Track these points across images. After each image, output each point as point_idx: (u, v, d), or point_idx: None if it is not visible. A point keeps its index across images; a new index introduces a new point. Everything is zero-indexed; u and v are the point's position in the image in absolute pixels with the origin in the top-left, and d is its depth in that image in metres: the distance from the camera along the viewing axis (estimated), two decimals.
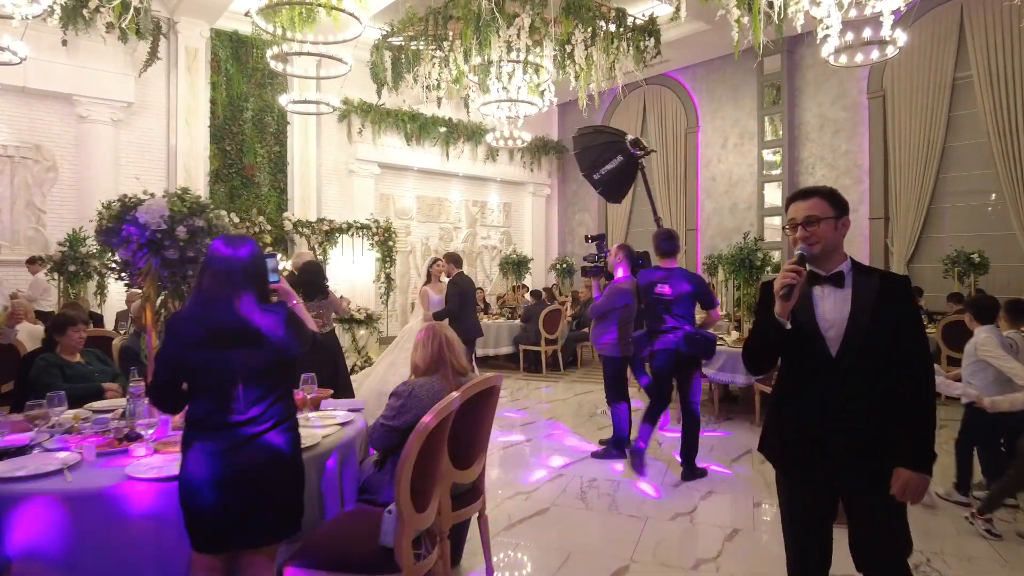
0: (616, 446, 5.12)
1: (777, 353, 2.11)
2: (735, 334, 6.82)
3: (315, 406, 3.35)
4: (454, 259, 6.59)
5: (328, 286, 5.42)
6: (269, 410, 2.11)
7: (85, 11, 8.21)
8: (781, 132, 11.54)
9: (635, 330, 5.07)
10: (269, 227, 10.54)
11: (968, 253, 8.41)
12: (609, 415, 5.27)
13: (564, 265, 14.08)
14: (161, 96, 10.17)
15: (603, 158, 6.23)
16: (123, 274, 2.98)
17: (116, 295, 8.35)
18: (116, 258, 2.94)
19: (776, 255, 11.06)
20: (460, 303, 6.30)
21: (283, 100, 8.70)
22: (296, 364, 2.30)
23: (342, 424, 2.97)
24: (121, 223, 2.86)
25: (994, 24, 8.87)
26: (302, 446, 2.32)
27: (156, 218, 2.82)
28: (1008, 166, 8.78)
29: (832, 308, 2.00)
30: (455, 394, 2.49)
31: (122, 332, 6.21)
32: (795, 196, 2.10)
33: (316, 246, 11.03)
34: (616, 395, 5.13)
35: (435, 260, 7.09)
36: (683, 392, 4.72)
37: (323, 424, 2.96)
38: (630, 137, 6.11)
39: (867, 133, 10.43)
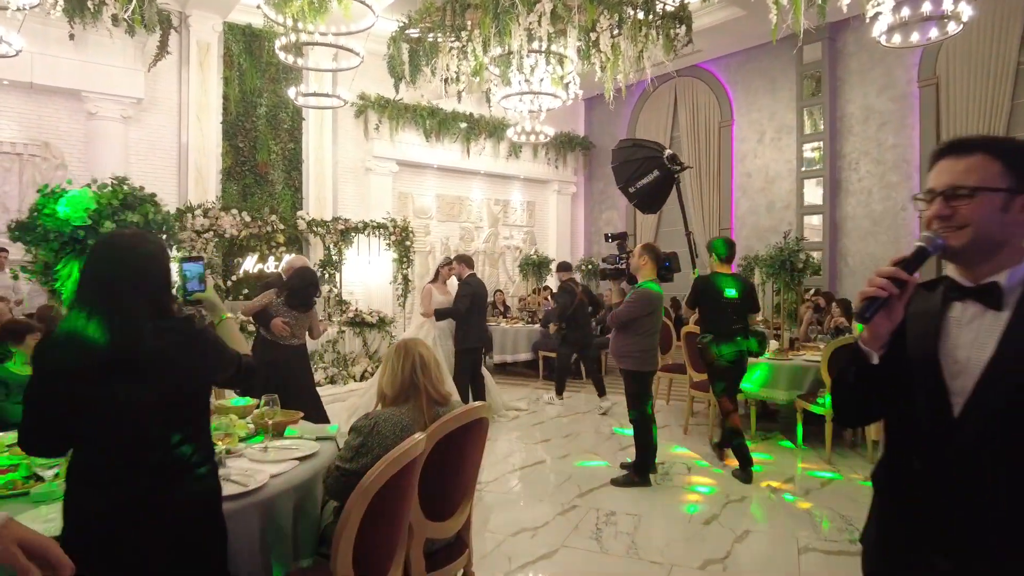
0: (639, 472, 4.55)
1: (865, 401, 1.35)
2: (774, 344, 6.18)
3: (279, 432, 2.88)
4: (466, 260, 6.11)
5: (316, 300, 4.97)
6: (172, 456, 1.62)
7: (90, 2, 7.94)
8: (822, 125, 10.79)
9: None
10: (282, 226, 10.19)
11: None
12: (625, 427, 4.70)
13: (589, 267, 13.48)
14: (172, 92, 9.89)
15: (640, 172, 6.04)
16: (43, 277, 2.52)
17: None
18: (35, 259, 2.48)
19: (817, 256, 10.32)
20: (469, 305, 5.84)
21: (292, 93, 8.28)
22: (206, 396, 1.80)
23: (303, 458, 2.48)
24: (38, 217, 2.40)
25: None
26: (248, 488, 1.83)
27: (80, 212, 2.37)
28: None
29: (970, 341, 1.22)
30: (419, 436, 1.97)
31: None
32: (947, 149, 1.28)
33: (331, 246, 10.65)
34: (640, 413, 4.57)
35: (448, 262, 6.63)
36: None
37: (278, 459, 2.47)
38: (668, 152, 5.89)
39: (918, 125, 9.63)
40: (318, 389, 7.74)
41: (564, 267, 7.75)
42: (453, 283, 6.50)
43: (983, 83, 8.81)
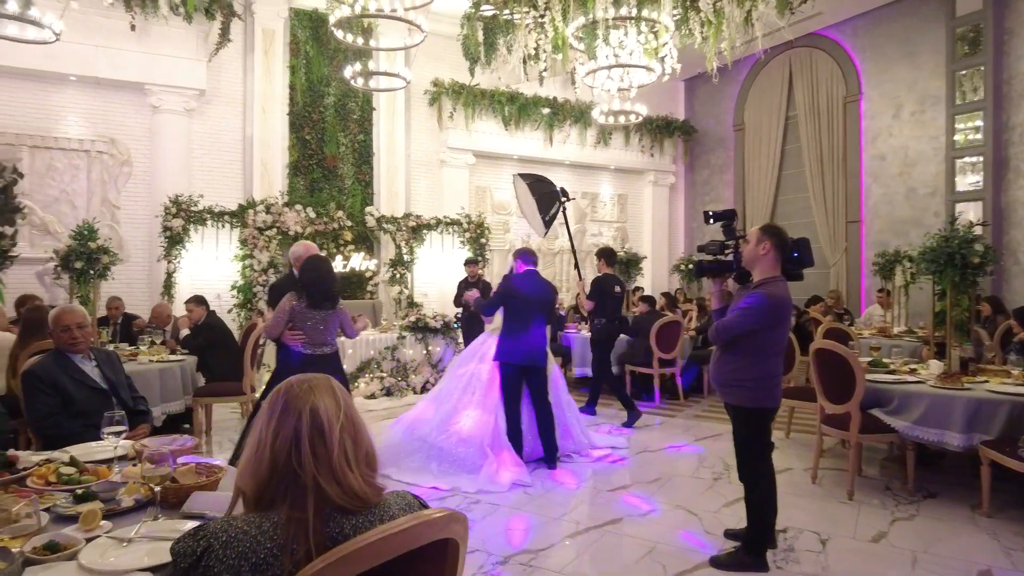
0: (752, 549, 3.22)
1: None
2: (936, 364, 4.60)
3: (176, 502, 1.87)
4: (522, 255, 4.99)
5: (339, 292, 4.08)
6: None
7: None
8: (981, 92, 8.79)
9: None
10: (350, 223, 9.49)
11: None
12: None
13: (690, 266, 11.94)
14: (236, 83, 9.42)
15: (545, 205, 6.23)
16: None
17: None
18: None
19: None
20: (498, 307, 4.82)
21: (347, 72, 7.48)
22: None
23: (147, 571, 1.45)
24: None
25: None
26: None
27: None
28: None
29: None
30: None
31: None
32: None
33: (402, 244, 9.85)
34: (754, 468, 3.25)
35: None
36: None
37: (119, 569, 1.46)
38: (560, 187, 6.32)
39: None
40: (371, 403, 6.92)
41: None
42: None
43: None
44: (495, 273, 10.51)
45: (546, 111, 11.24)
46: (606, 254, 6.58)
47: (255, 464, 1.17)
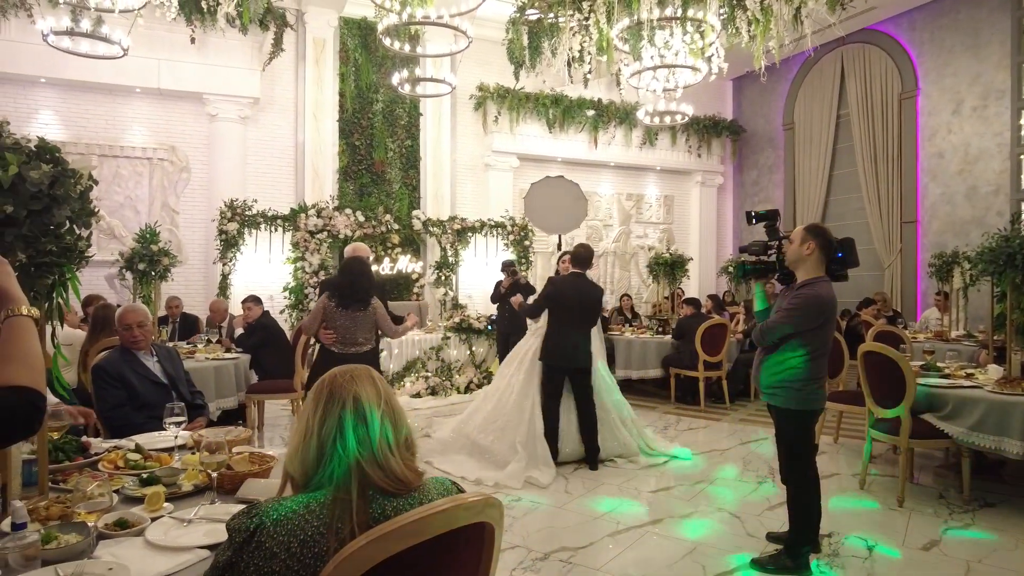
0: (794, 552, 3.18)
1: None
2: (994, 369, 4.44)
3: (232, 488, 1.99)
4: (573, 257, 5.03)
5: (372, 294, 4.17)
6: None
7: (204, 3, 7.84)
8: None
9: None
10: (397, 227, 9.68)
11: None
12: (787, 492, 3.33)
13: (737, 267, 11.74)
14: (289, 91, 9.74)
15: None
16: None
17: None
18: None
19: None
20: (545, 307, 4.85)
21: (395, 79, 7.66)
22: None
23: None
24: None
25: None
26: None
27: None
28: None
29: None
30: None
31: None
32: None
33: (448, 247, 10.00)
34: (798, 471, 3.21)
35: (563, 255, 5.70)
36: None
37: (182, 546, 1.57)
38: None
39: None
40: (416, 401, 7.05)
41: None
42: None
43: None
44: (538, 276, 10.56)
45: (591, 113, 11.24)
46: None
47: (303, 450, 1.26)
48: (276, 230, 8.91)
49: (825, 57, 11.12)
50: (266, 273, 8.83)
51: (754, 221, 3.52)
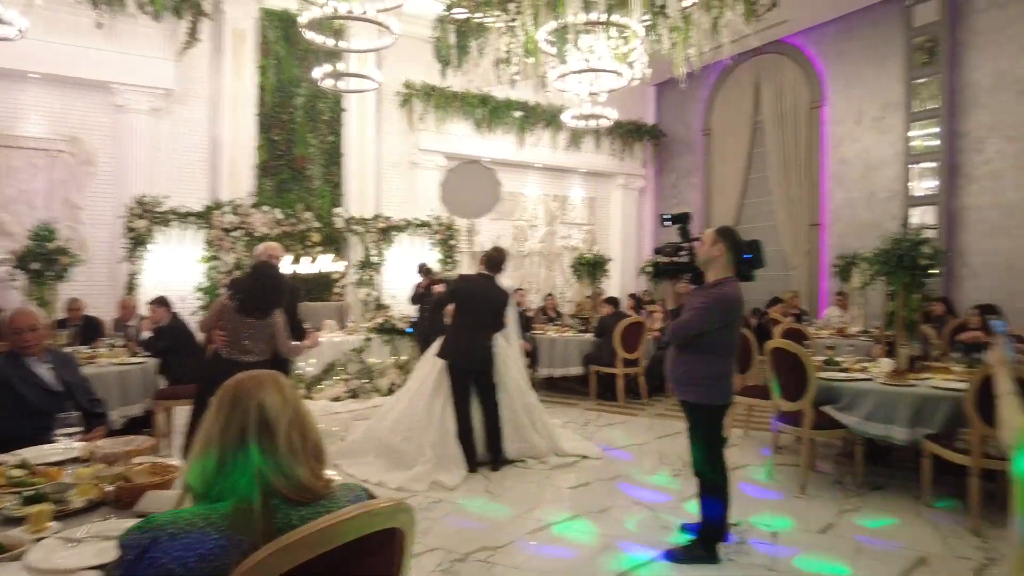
0: (705, 543, 3.32)
1: None
2: (886, 363, 4.76)
3: (128, 502, 1.89)
4: (484, 259, 5.02)
5: (278, 304, 3.99)
6: None
7: None
8: (938, 100, 9.08)
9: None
10: (318, 224, 9.45)
11: None
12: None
13: (652, 268, 12.09)
14: (205, 83, 9.32)
15: None
16: None
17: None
18: None
19: None
20: (447, 307, 4.88)
21: (317, 74, 7.47)
22: None
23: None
24: None
25: None
26: None
27: None
28: None
29: None
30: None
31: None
32: None
33: (371, 246, 9.84)
34: (708, 464, 3.35)
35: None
36: None
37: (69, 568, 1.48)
38: None
39: None
40: (335, 405, 6.90)
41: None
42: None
43: None
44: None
45: (518, 114, 11.32)
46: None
47: (203, 458, 1.21)
48: (189, 228, 8.53)
49: (742, 66, 11.60)
50: (177, 273, 8.42)
51: (666, 223, 3.64)
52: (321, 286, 9.52)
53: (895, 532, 3.65)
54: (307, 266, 9.16)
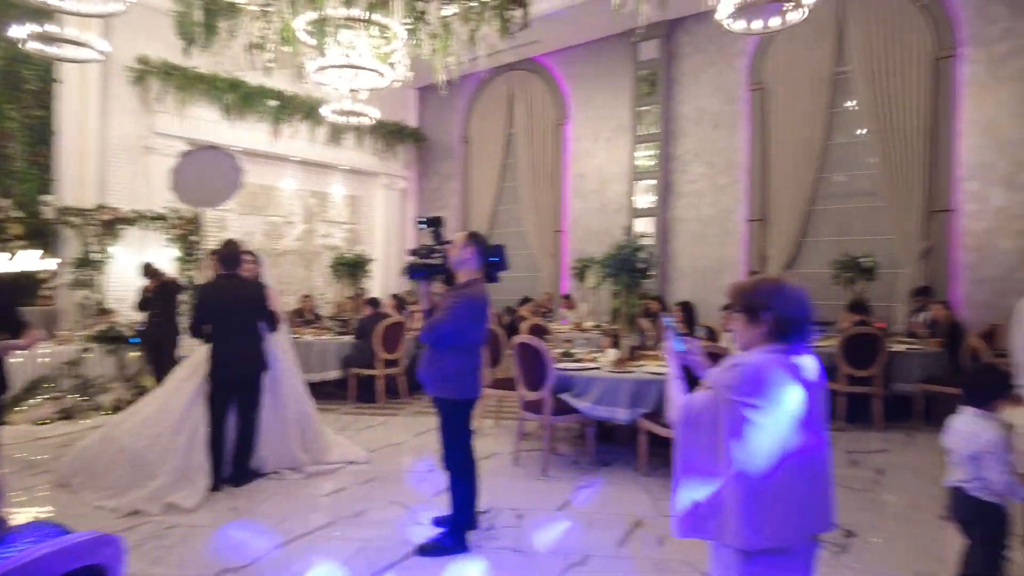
0: (454, 535, 3.47)
1: None
2: (612, 353, 5.43)
3: None
4: (223, 257, 4.65)
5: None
6: None
7: None
8: (657, 127, 10.56)
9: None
10: (20, 213, 7.93)
11: (856, 257, 7.68)
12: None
13: (407, 269, 12.26)
14: None
15: None
16: None
17: None
18: None
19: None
20: (204, 317, 4.53)
21: (18, 32, 6.25)
22: None
23: None
24: None
25: (875, 17, 8.31)
26: None
27: None
28: (889, 166, 8.22)
29: None
30: None
31: None
32: None
33: (92, 240, 8.52)
34: (458, 457, 3.51)
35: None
36: None
37: None
38: None
39: (748, 128, 9.63)
40: (41, 429, 5.82)
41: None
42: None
43: (803, 92, 8.94)
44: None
45: (273, 103, 10.66)
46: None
47: None
48: None
49: (498, 79, 12.29)
50: None
51: (421, 226, 3.74)
52: (23, 288, 7.98)
53: (617, 500, 4.18)
54: (3, 263, 7.61)
